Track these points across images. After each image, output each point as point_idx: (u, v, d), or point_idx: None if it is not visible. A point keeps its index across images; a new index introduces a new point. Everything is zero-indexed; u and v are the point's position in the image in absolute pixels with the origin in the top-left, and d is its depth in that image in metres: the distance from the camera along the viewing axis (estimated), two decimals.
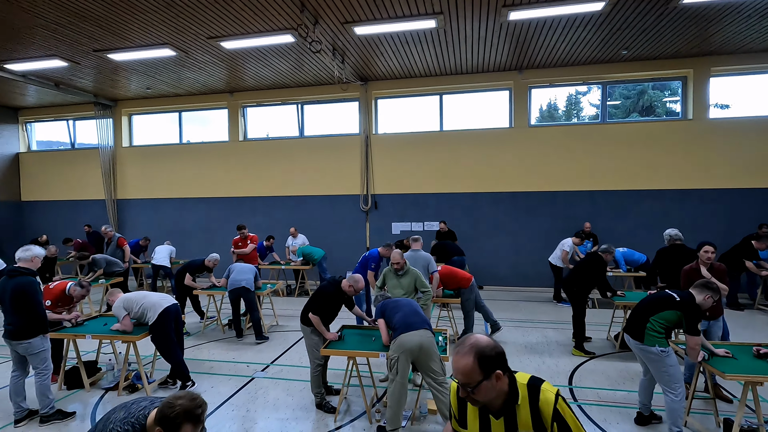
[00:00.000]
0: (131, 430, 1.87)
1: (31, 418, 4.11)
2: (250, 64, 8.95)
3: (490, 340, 1.56)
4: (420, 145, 10.28)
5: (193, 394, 1.91)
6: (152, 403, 1.99)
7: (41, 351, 4.05)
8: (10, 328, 3.96)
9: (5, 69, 8.86)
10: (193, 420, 1.84)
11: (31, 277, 4.00)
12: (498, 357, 1.54)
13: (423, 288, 4.94)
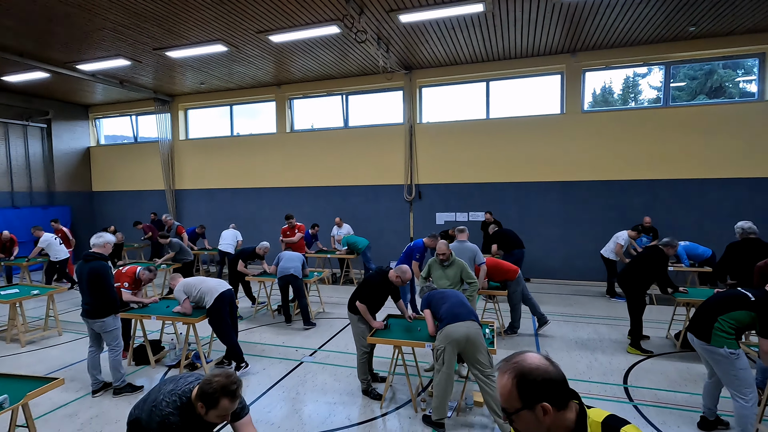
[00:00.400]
0: (178, 402, 2.05)
1: (105, 390, 4.51)
2: (297, 56, 9.12)
3: (541, 363, 1.23)
4: (465, 134, 10.07)
5: (229, 372, 2.05)
6: (197, 379, 2.17)
7: (113, 329, 4.42)
8: (87, 308, 4.35)
9: (77, 69, 9.60)
10: (229, 395, 1.98)
11: (104, 262, 4.37)
12: (546, 385, 1.20)
13: (469, 279, 4.87)
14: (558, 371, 1.24)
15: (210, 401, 1.96)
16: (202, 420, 2.04)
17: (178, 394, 2.06)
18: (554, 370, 1.23)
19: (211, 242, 11.52)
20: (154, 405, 2.05)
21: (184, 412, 2.02)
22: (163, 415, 1.99)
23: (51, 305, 6.52)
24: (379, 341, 4.14)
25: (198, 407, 2.00)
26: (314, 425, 3.86)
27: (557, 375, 1.22)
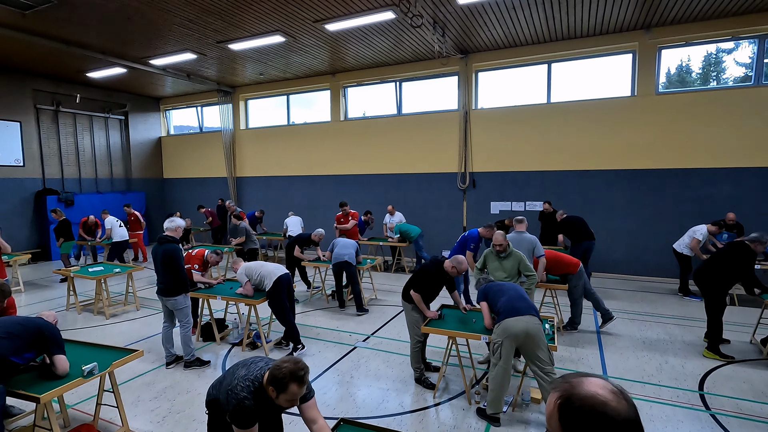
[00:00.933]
0: (251, 386, 2.17)
1: (177, 363, 4.88)
2: (351, 44, 9.13)
3: (601, 392, 0.96)
4: (524, 120, 9.63)
5: (297, 359, 2.16)
6: (267, 364, 2.29)
7: (184, 307, 4.76)
8: (161, 286, 4.70)
9: (150, 64, 10.28)
10: (298, 380, 2.09)
11: (176, 244, 4.69)
12: (595, 420, 0.93)
13: (527, 272, 4.68)
14: (624, 410, 0.95)
15: (280, 386, 2.06)
16: (274, 403, 2.14)
17: (251, 379, 2.18)
18: (617, 406, 0.95)
19: (269, 228, 12.03)
20: (230, 389, 2.18)
21: (257, 396, 2.14)
22: (239, 399, 2.12)
23: (130, 282, 7.15)
24: (433, 331, 4.11)
25: (269, 391, 2.12)
26: (368, 409, 3.93)
27: (618, 414, 0.94)
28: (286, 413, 3.61)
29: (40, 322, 3.10)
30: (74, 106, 12.39)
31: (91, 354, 3.55)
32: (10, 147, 10.89)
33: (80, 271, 6.97)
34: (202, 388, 4.32)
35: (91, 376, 3.16)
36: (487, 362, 4.79)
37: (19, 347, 2.89)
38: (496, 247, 4.74)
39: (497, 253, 4.76)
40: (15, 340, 2.87)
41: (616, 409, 0.94)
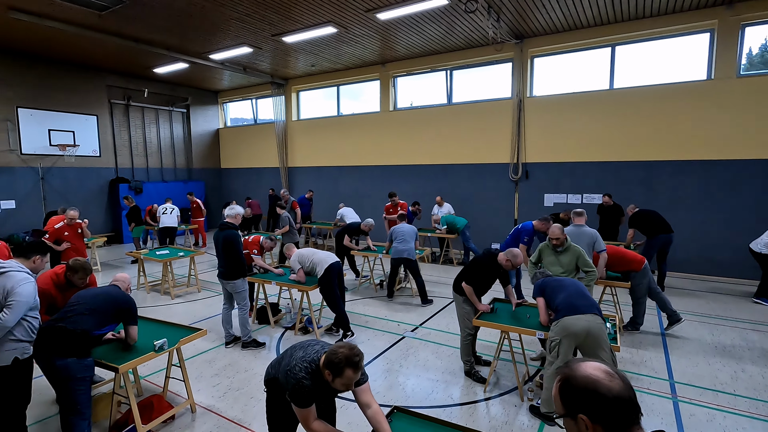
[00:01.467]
0: (308, 368, 2.24)
1: (235, 343, 5.15)
2: (402, 32, 9.04)
3: (595, 373, 1.11)
4: (583, 107, 9.10)
5: (352, 345, 2.20)
6: (323, 348, 2.35)
7: (242, 291, 4.99)
8: (222, 270, 4.96)
9: (209, 59, 10.77)
10: (353, 366, 2.13)
11: (236, 231, 4.92)
12: (590, 398, 1.08)
13: (586, 267, 4.44)
14: (617, 388, 1.08)
15: (336, 370, 2.12)
16: (329, 385, 2.20)
17: (308, 360, 2.26)
18: (609, 384, 1.08)
19: (317, 217, 12.32)
20: (288, 369, 2.27)
21: (314, 377, 2.22)
22: (298, 379, 2.20)
23: (192, 266, 7.61)
24: (486, 325, 4.03)
25: (325, 374, 2.18)
26: (417, 399, 3.94)
27: (610, 391, 1.08)
28: (338, 397, 3.71)
29: (119, 296, 3.33)
30: (142, 100, 13.28)
31: (161, 330, 3.83)
32: (88, 139, 11.89)
33: (149, 254, 7.51)
34: (259, 368, 4.54)
35: (162, 351, 3.40)
36: (540, 359, 4.65)
37: (101, 321, 3.16)
38: (553, 241, 4.53)
39: (554, 247, 4.56)
40: (97, 315, 3.13)
41: (608, 386, 1.08)
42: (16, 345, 2.90)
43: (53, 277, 3.70)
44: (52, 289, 3.66)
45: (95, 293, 3.29)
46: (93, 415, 3.62)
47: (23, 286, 2.88)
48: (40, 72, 10.98)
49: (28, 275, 2.98)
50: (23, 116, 10.60)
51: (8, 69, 10.42)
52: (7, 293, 2.84)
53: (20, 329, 2.91)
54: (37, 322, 3.04)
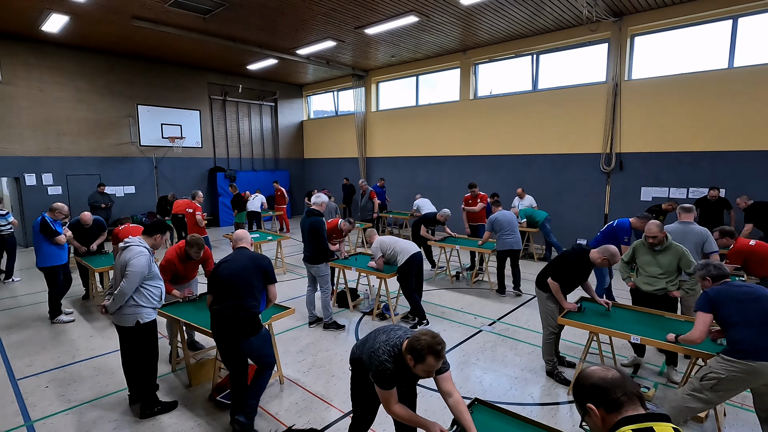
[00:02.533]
0: (391, 351, 2.29)
1: (318, 323, 5.45)
2: (486, 17, 8.71)
3: (595, 372, 1.40)
4: (692, 90, 8.07)
5: (435, 333, 2.20)
6: (405, 333, 2.38)
7: (325, 275, 5.26)
8: (307, 254, 5.27)
9: (296, 54, 11.35)
10: (435, 354, 2.13)
11: (321, 218, 5.18)
12: (591, 390, 1.37)
13: (690, 270, 3.96)
14: (609, 377, 1.36)
15: (418, 356, 2.15)
16: (411, 371, 2.24)
17: (391, 345, 2.31)
18: (602, 375, 1.38)
19: (392, 207, 12.47)
20: (372, 351, 2.34)
21: (397, 361, 2.28)
22: (381, 361, 2.27)
23: (279, 249, 8.17)
24: (572, 324, 3.79)
25: (407, 359, 2.22)
26: (495, 394, 3.87)
27: (602, 379, 1.36)
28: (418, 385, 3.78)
29: (257, 257, 3.33)
30: (237, 95, 14.43)
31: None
32: (192, 131, 13.23)
33: None
34: (339, 349, 4.77)
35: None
36: (633, 366, 4.29)
37: (258, 292, 3.26)
38: (649, 239, 4.04)
39: (650, 245, 4.11)
40: (256, 290, 3.21)
41: (601, 376, 1.37)
42: (137, 310, 3.34)
43: (177, 251, 4.32)
44: (176, 260, 4.31)
45: (241, 266, 3.21)
46: (196, 378, 4.09)
47: (137, 258, 3.31)
48: (154, 73, 12.41)
49: (144, 249, 3.39)
50: (141, 112, 12.09)
51: (130, 71, 11.93)
52: (125, 264, 3.31)
53: (140, 296, 3.35)
54: (158, 290, 3.47)
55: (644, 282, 4.12)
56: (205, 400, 3.78)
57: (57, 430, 3.38)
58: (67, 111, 11.01)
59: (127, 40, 10.23)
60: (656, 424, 1.26)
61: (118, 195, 11.84)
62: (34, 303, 6.46)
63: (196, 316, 3.97)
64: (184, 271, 4.46)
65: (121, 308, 3.32)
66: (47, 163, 10.79)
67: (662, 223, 4.08)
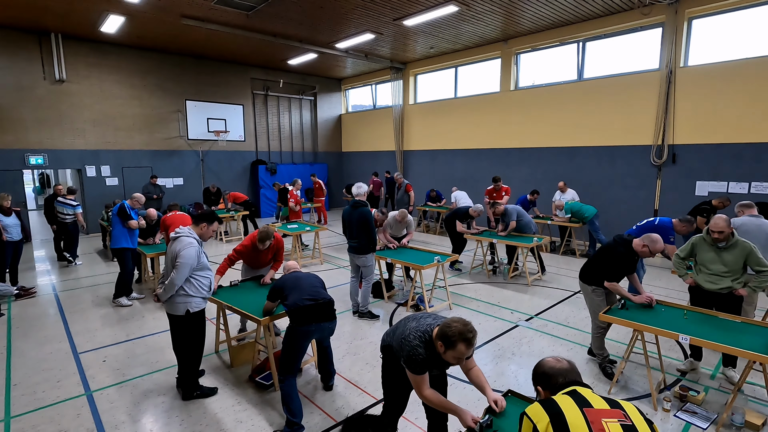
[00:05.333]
0: (422, 337, 2.31)
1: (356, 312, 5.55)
2: (529, 3, 8.41)
3: (547, 361, 1.78)
4: (756, 76, 7.43)
5: (466, 321, 2.19)
6: (435, 320, 2.38)
7: (370, 265, 5.36)
8: (355, 245, 5.35)
9: (335, 48, 11.47)
10: (466, 341, 2.13)
11: (368, 208, 5.27)
12: (536, 375, 1.80)
13: (759, 267, 3.64)
14: (557, 367, 1.74)
15: (449, 343, 2.15)
16: (441, 357, 2.25)
17: (422, 331, 2.33)
18: (552, 365, 1.76)
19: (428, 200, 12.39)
20: (403, 338, 2.37)
21: (427, 347, 2.29)
22: (412, 347, 2.29)
23: (317, 240, 8.35)
24: (616, 321, 3.61)
25: (438, 346, 2.22)
26: (531, 390, 3.78)
27: (551, 369, 1.74)
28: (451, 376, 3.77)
29: (316, 275, 3.78)
30: (278, 90, 14.79)
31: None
32: (236, 126, 13.71)
33: (281, 227, 8.45)
34: (373, 337, 4.83)
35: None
36: (689, 372, 4.05)
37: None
38: (715, 234, 3.74)
39: (714, 241, 3.80)
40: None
41: (550, 365, 1.76)
42: (187, 299, 3.45)
43: (253, 239, 4.57)
44: (251, 246, 4.59)
45: (309, 276, 3.69)
46: (238, 359, 4.28)
47: (187, 249, 3.39)
48: (201, 69, 12.95)
49: (194, 240, 3.48)
50: (189, 107, 12.67)
51: (179, 67, 12.52)
52: (176, 255, 3.41)
53: (190, 286, 3.45)
54: (207, 280, 3.56)
55: (707, 280, 3.86)
56: (245, 381, 3.95)
57: (113, 399, 3.66)
58: (123, 107, 11.73)
59: (176, 38, 10.73)
60: (578, 387, 1.63)
61: (168, 186, 12.51)
62: (95, 285, 6.98)
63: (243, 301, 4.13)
64: (255, 256, 4.70)
65: (172, 297, 3.43)
66: (105, 155, 11.56)
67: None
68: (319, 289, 3.54)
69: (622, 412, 1.51)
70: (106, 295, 6.41)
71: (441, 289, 6.46)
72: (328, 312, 3.45)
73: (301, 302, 3.34)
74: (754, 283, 3.71)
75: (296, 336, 3.35)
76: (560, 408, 1.52)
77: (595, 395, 1.58)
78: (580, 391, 1.60)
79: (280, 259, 4.82)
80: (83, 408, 3.55)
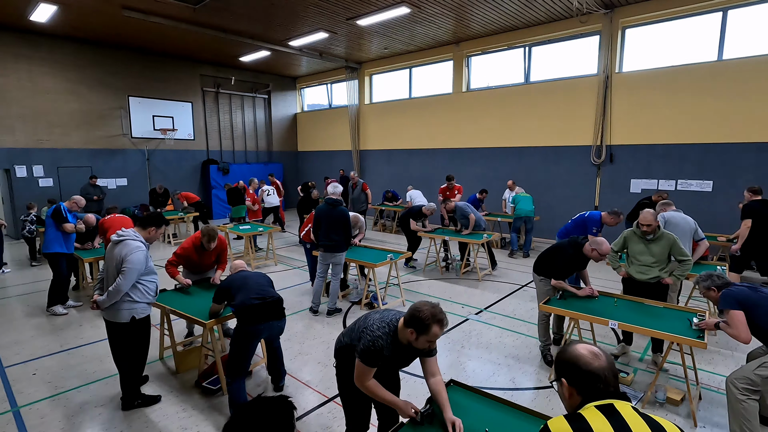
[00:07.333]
0: (387, 329, 2.26)
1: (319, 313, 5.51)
2: (478, 8, 8.69)
3: (579, 350, 1.41)
4: (682, 82, 8.12)
5: (434, 303, 2.18)
6: (399, 313, 2.35)
7: (342, 263, 5.46)
8: (332, 244, 5.34)
9: (289, 45, 11.29)
10: (439, 322, 2.12)
11: (346, 207, 5.31)
12: (567, 366, 1.41)
13: (681, 256, 3.99)
14: (594, 366, 1.35)
15: (421, 327, 2.11)
16: (404, 348, 2.26)
17: (387, 322, 2.29)
18: (589, 361, 1.37)
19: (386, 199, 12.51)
20: (365, 328, 2.31)
21: (391, 338, 2.26)
22: (375, 336, 2.23)
23: (270, 241, 8.19)
24: (554, 310, 3.85)
25: (408, 333, 2.17)
26: (478, 380, 3.93)
27: (587, 365, 1.36)
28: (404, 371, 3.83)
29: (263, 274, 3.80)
30: (230, 87, 14.35)
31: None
32: (184, 124, 13.16)
33: (233, 228, 8.22)
34: (326, 337, 4.82)
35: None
36: (621, 355, 4.36)
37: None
38: (643, 227, 4.04)
39: (643, 234, 4.10)
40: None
41: (587, 362, 1.37)
42: (133, 305, 3.28)
43: (194, 241, 4.40)
44: (192, 248, 4.39)
45: (256, 275, 3.65)
46: (184, 365, 4.13)
47: (135, 254, 3.21)
48: (145, 64, 12.33)
49: (141, 244, 3.30)
50: (133, 104, 12.01)
51: (120, 62, 11.85)
52: (122, 260, 3.21)
53: (136, 292, 3.28)
54: (153, 285, 3.41)
55: (637, 271, 4.17)
56: (191, 386, 3.82)
57: (43, 414, 3.42)
58: (57, 102, 10.94)
59: (118, 30, 10.16)
60: (616, 402, 1.30)
61: (111, 187, 11.82)
62: (26, 294, 6.47)
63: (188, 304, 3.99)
64: (199, 259, 4.50)
65: (115, 304, 3.24)
66: (38, 155, 10.73)
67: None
68: (267, 288, 3.51)
69: None
70: (39, 304, 5.96)
71: (395, 286, 6.54)
72: (277, 310, 3.42)
73: (248, 301, 3.29)
74: (678, 272, 4.05)
75: (245, 336, 3.28)
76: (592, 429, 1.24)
77: (636, 416, 1.28)
78: (619, 409, 1.29)
79: (224, 260, 4.71)
80: (8, 425, 3.29)
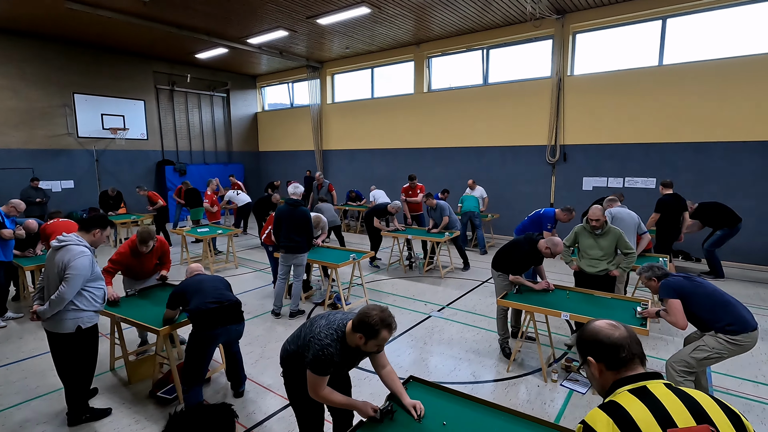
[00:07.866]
0: (335, 335, 2.22)
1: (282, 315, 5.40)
2: (437, 10, 8.84)
3: (600, 326, 1.41)
4: (627, 85, 8.60)
5: (383, 307, 2.19)
6: (346, 316, 2.33)
7: (304, 264, 5.42)
8: (293, 245, 5.25)
9: (247, 43, 11.02)
10: (388, 327, 2.14)
11: (307, 208, 5.23)
12: (589, 343, 1.41)
13: (626, 249, 4.28)
14: (616, 336, 1.36)
15: (371, 332, 2.12)
16: (353, 351, 2.24)
17: (334, 328, 2.25)
18: (609, 332, 1.38)
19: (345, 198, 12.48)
20: (312, 336, 2.25)
21: (340, 343, 2.22)
22: (323, 345, 2.17)
23: (230, 243, 7.97)
24: (510, 304, 4.00)
25: (356, 338, 2.16)
26: (440, 375, 4.00)
27: (608, 338, 1.36)
28: (362, 369, 3.83)
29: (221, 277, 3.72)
30: (186, 85, 13.82)
31: None
32: (136, 122, 12.56)
33: (190, 231, 7.93)
34: None
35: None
36: (574, 345, 4.57)
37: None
38: (593, 222, 4.31)
39: (592, 228, 4.37)
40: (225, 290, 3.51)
41: (607, 334, 1.37)
42: (78, 314, 3.08)
43: (130, 244, 4.16)
44: (129, 253, 4.16)
45: (212, 278, 3.58)
46: (137, 375, 3.95)
47: (79, 259, 3.01)
48: (93, 59, 11.65)
49: (85, 248, 3.10)
50: (79, 101, 11.34)
51: (65, 57, 11.14)
52: (65, 266, 2.99)
53: (81, 300, 3.08)
54: (100, 292, 3.22)
55: (588, 264, 4.42)
56: (144, 397, 3.66)
57: None
58: None
59: (61, 23, 9.55)
60: (649, 382, 1.29)
61: (55, 190, 11.09)
62: None
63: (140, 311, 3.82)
64: (138, 264, 4.25)
65: (58, 314, 3.02)
66: None
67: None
68: (224, 291, 3.42)
69: (711, 429, 1.16)
70: None
71: (358, 286, 6.54)
72: (235, 314, 3.34)
73: (204, 306, 3.19)
74: (624, 264, 4.31)
75: (201, 341, 3.18)
76: (632, 417, 1.19)
77: (669, 394, 1.24)
78: (653, 389, 1.26)
79: (167, 261, 4.50)
80: None
